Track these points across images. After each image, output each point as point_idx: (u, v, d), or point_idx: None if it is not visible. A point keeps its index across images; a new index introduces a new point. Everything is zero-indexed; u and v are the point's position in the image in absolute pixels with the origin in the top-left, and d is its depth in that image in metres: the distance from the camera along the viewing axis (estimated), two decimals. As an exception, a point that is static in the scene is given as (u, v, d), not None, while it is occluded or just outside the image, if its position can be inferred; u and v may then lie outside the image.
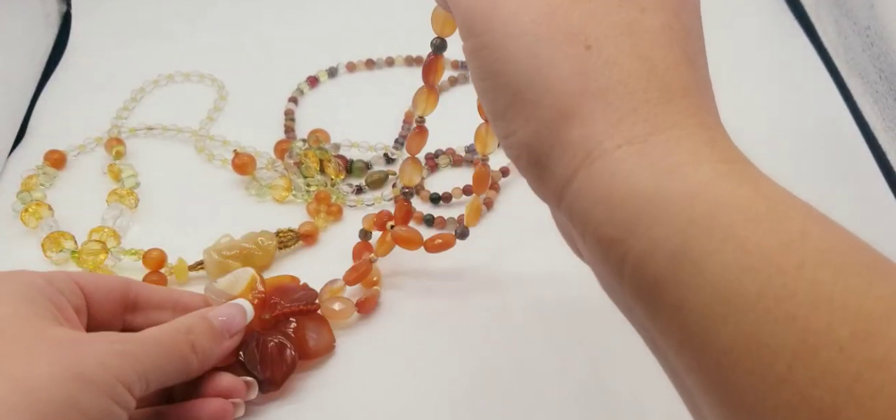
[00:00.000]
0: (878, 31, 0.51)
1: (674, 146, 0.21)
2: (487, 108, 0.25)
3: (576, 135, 0.22)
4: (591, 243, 0.22)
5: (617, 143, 0.22)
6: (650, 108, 0.22)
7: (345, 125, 0.53)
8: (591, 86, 0.22)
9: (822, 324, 0.18)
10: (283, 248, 0.44)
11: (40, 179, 0.49)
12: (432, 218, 0.46)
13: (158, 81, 0.58)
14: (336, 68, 0.59)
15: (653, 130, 0.22)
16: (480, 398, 0.38)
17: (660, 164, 0.21)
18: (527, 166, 0.24)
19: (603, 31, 0.22)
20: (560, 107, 0.22)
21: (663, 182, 0.21)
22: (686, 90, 0.22)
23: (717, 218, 0.20)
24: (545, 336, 0.40)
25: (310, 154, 0.49)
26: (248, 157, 0.49)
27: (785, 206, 0.20)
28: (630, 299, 0.22)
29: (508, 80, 0.23)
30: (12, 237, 0.46)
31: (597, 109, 0.22)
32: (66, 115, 0.55)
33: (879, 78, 0.51)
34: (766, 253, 0.19)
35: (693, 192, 0.20)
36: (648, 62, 0.22)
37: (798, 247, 0.19)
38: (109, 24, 0.63)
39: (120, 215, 0.46)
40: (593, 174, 0.22)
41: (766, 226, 0.20)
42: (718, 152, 0.22)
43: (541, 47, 0.22)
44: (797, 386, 0.18)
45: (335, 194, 0.48)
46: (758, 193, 0.21)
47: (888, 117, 0.50)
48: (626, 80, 0.22)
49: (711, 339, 0.19)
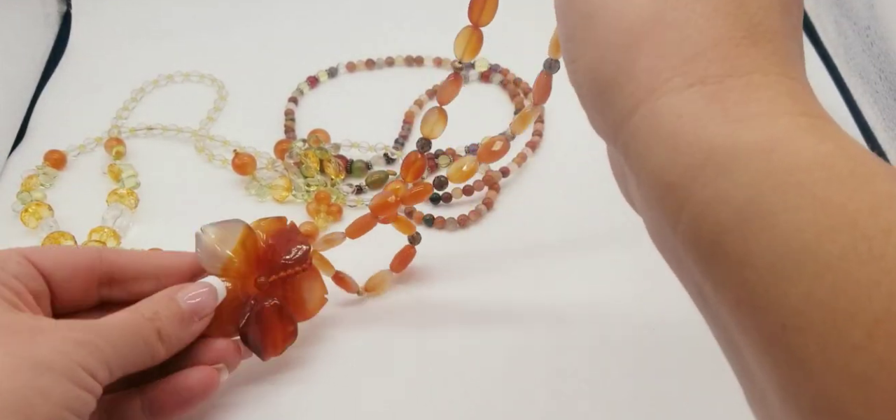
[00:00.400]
0: (878, 31, 0.51)
1: (752, 93, 0.20)
2: (560, 30, 0.23)
3: (644, 64, 0.21)
4: (646, 186, 0.21)
5: (689, 81, 0.20)
6: (732, 48, 0.20)
7: (345, 125, 0.53)
8: (670, 14, 0.20)
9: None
10: (283, 248, 0.44)
11: (40, 179, 0.49)
12: (432, 218, 0.46)
13: (158, 81, 0.58)
14: (336, 68, 0.59)
15: (731, 72, 0.20)
16: (478, 397, 0.38)
17: (734, 110, 0.20)
18: (588, 95, 0.22)
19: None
20: (633, 32, 0.21)
21: (736, 130, 0.19)
22: (775, 34, 0.21)
23: (795, 174, 0.18)
24: (545, 335, 0.40)
25: (310, 154, 0.49)
26: (248, 158, 0.49)
27: (871, 167, 0.19)
28: (682, 250, 0.20)
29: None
30: (12, 237, 0.46)
31: (671, 40, 0.20)
32: (66, 115, 0.55)
33: (879, 78, 0.51)
34: (849, 214, 0.18)
35: (770, 145, 0.19)
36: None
37: (886, 210, 0.18)
38: (109, 24, 0.63)
39: (120, 215, 0.46)
40: (658, 111, 0.20)
41: (851, 186, 0.18)
42: (800, 105, 0.20)
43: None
44: (876, 354, 0.16)
45: (335, 194, 0.48)
46: (842, 152, 0.19)
47: (888, 117, 0.50)
48: (710, 12, 0.20)
49: (777, 299, 0.18)
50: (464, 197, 0.48)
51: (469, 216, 0.47)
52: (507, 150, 0.37)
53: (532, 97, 0.36)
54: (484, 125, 0.48)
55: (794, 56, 0.21)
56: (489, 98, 0.56)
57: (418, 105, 0.55)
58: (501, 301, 0.42)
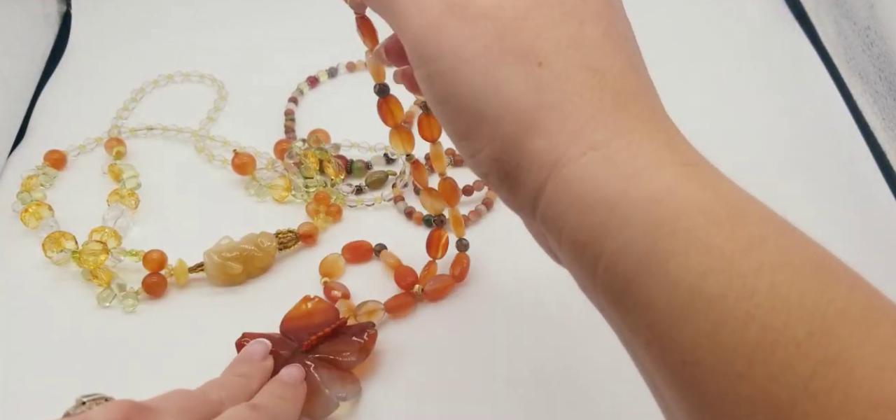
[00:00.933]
0: (878, 31, 0.51)
1: (635, 150, 0.22)
2: (449, 131, 0.25)
3: (541, 145, 0.23)
4: (566, 248, 0.23)
5: (581, 149, 0.22)
6: (607, 115, 0.23)
7: (345, 125, 0.53)
8: (548, 99, 0.23)
9: (779, 323, 0.19)
10: (283, 249, 0.44)
11: (40, 179, 0.49)
12: (431, 219, 0.46)
13: (158, 81, 0.58)
14: (336, 68, 0.59)
15: (613, 136, 0.22)
16: (475, 395, 0.38)
17: (624, 168, 0.22)
18: (498, 182, 0.25)
19: (551, 47, 0.23)
20: (521, 122, 0.23)
21: (629, 186, 0.22)
22: (636, 94, 0.23)
23: (680, 221, 0.21)
24: (545, 334, 0.40)
25: (309, 154, 0.49)
26: (247, 157, 0.49)
27: (745, 209, 0.21)
28: (603, 299, 0.23)
29: (466, 102, 0.24)
30: (12, 237, 0.46)
31: (557, 120, 0.23)
32: (66, 115, 0.55)
33: (879, 78, 0.51)
34: (726, 256, 0.20)
35: (657, 196, 0.21)
36: (598, 72, 0.23)
37: (757, 250, 0.20)
38: (109, 24, 0.63)
39: (121, 216, 0.46)
40: (563, 181, 0.23)
41: (726, 229, 0.20)
42: (679, 154, 0.22)
43: (494, 69, 0.23)
44: (756, 382, 0.19)
45: (335, 195, 0.48)
46: (718, 197, 0.21)
47: (888, 117, 0.50)
48: (580, 90, 0.23)
49: (676, 337, 0.20)
50: (464, 197, 0.48)
51: (469, 216, 0.47)
52: (453, 184, 0.39)
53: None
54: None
55: (657, 107, 0.24)
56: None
57: (419, 105, 0.55)
58: (502, 299, 0.42)
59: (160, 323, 0.42)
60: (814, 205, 0.46)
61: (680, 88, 0.57)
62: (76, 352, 0.40)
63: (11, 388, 0.39)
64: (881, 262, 0.42)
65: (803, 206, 0.48)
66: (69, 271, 0.44)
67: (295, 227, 0.45)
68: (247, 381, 0.35)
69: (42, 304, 0.42)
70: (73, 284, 0.43)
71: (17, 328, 0.41)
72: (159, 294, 0.43)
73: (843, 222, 0.45)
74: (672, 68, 0.59)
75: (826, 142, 0.51)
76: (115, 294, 0.42)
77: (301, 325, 0.39)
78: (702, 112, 0.54)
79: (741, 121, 0.53)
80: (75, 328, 0.41)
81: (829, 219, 0.45)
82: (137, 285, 0.42)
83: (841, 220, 0.45)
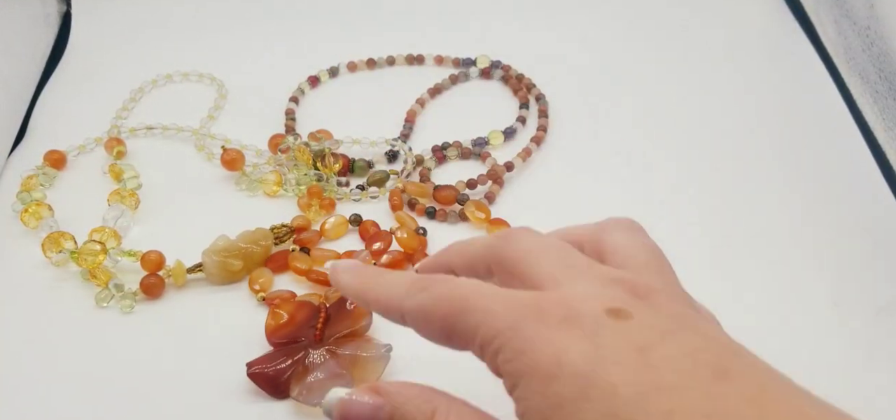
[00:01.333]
0: (878, 31, 0.51)
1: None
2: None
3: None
4: None
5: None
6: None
7: (346, 125, 0.52)
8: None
9: None
10: (279, 243, 0.44)
11: (40, 179, 0.49)
12: (434, 210, 0.46)
13: (158, 81, 0.57)
14: (337, 68, 0.59)
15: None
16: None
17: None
18: None
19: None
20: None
21: None
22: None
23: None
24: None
25: (301, 148, 0.49)
26: (236, 153, 0.49)
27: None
28: None
29: None
30: (12, 237, 0.46)
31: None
32: (66, 115, 0.55)
33: (879, 78, 0.51)
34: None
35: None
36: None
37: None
38: (109, 24, 0.63)
39: (121, 216, 0.46)
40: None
41: None
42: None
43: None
44: None
45: (328, 189, 0.48)
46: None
47: (888, 117, 0.50)
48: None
49: None
50: (467, 189, 0.48)
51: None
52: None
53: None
54: (489, 120, 0.49)
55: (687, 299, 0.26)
56: (492, 94, 0.56)
57: (420, 104, 0.55)
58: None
59: (158, 324, 0.41)
60: (814, 205, 0.47)
61: (680, 88, 0.57)
62: (75, 352, 0.40)
63: (10, 388, 0.39)
64: (881, 262, 0.42)
65: (803, 206, 0.48)
66: (69, 272, 0.44)
67: (289, 221, 0.45)
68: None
69: (41, 304, 0.42)
70: (72, 285, 0.43)
71: (16, 328, 0.41)
72: (157, 295, 0.42)
73: (844, 222, 0.45)
74: (672, 68, 0.59)
75: (826, 142, 0.51)
76: (113, 294, 0.42)
77: (290, 330, 0.39)
78: (701, 112, 0.55)
79: (741, 121, 0.53)
80: (73, 328, 0.41)
81: (829, 219, 0.45)
82: (136, 286, 0.42)
83: (841, 220, 0.45)
